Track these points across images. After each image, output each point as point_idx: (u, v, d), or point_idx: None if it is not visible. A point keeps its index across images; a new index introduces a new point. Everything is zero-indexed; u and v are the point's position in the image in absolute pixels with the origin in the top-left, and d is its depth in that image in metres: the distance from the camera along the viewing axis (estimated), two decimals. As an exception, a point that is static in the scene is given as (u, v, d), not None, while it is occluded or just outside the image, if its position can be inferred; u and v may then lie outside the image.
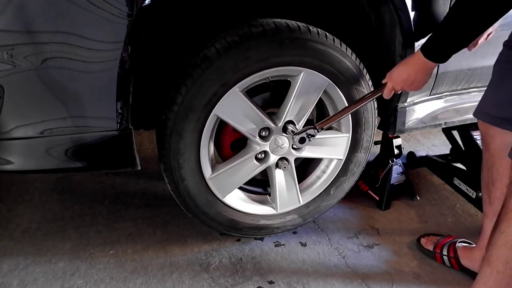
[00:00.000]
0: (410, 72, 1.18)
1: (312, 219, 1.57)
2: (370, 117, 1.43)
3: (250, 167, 1.37)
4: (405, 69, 1.19)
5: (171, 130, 1.22)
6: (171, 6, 1.30)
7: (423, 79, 1.20)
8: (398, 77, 1.21)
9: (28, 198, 1.73)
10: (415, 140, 2.47)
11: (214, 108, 1.22)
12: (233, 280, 1.37)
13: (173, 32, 1.40)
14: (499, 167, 1.24)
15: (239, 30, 1.19)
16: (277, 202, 1.46)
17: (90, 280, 1.34)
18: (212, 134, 1.31)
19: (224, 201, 1.40)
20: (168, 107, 1.22)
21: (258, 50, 1.18)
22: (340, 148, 1.46)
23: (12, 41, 0.94)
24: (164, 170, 1.32)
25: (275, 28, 1.19)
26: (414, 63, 1.17)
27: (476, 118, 1.29)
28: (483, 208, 1.36)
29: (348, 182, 1.54)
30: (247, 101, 1.25)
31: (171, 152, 1.25)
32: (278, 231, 1.54)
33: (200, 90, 1.18)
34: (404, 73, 1.19)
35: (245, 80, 1.21)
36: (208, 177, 1.33)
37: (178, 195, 1.35)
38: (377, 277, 1.43)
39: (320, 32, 1.25)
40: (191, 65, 1.20)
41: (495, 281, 1.06)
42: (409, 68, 1.18)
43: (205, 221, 1.42)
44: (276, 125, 1.32)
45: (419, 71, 1.17)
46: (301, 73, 1.26)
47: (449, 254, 1.46)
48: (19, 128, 1.04)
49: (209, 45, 1.21)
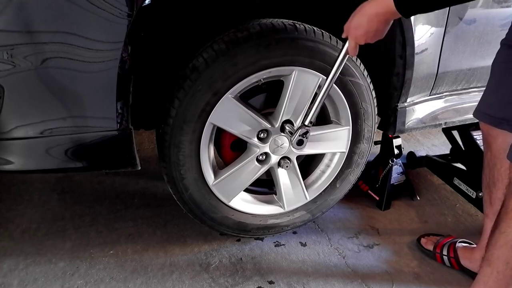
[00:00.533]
0: (373, 22, 1.03)
1: (321, 213, 1.57)
2: (369, 107, 1.41)
3: (253, 169, 1.37)
4: (366, 20, 1.04)
5: (169, 143, 1.22)
6: (171, 6, 1.30)
7: (386, 27, 1.06)
8: (359, 30, 1.06)
9: (28, 198, 1.73)
10: (415, 140, 2.47)
11: (209, 117, 1.22)
12: (233, 280, 1.37)
13: (173, 32, 1.40)
14: (501, 168, 1.24)
15: (225, 36, 1.19)
16: (284, 200, 1.46)
17: (90, 280, 1.34)
18: (211, 142, 1.31)
19: (230, 205, 1.40)
20: (163, 121, 1.22)
21: (246, 55, 1.17)
22: (341, 141, 1.45)
23: (12, 41, 0.94)
24: (167, 182, 1.32)
25: (260, 30, 1.18)
26: (377, 13, 1.01)
27: (476, 118, 1.29)
28: (484, 209, 1.36)
29: (353, 174, 1.53)
30: (241, 106, 1.24)
31: (171, 164, 1.25)
32: (288, 229, 1.54)
33: (192, 101, 1.18)
34: (366, 24, 1.04)
35: (236, 86, 1.20)
36: (211, 184, 1.33)
37: (184, 204, 1.36)
38: (377, 277, 1.42)
39: (308, 28, 1.23)
40: (182, 76, 1.20)
41: (495, 281, 1.06)
42: (371, 18, 1.03)
43: (213, 225, 1.43)
44: (273, 126, 1.32)
45: (382, 21, 1.03)
46: (292, 72, 1.25)
47: (449, 254, 1.46)
48: (19, 128, 1.04)
49: (197, 55, 1.20)
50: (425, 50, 1.36)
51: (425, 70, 1.40)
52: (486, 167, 1.30)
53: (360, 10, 1.06)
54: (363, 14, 1.04)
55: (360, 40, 1.08)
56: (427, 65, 1.40)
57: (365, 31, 1.05)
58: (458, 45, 1.42)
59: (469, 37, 1.42)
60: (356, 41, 1.09)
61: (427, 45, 1.36)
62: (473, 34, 1.42)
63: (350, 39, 1.10)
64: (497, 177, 1.26)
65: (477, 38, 1.44)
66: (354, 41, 1.09)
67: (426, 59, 1.38)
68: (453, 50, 1.40)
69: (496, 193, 1.27)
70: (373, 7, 1.02)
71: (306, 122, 1.27)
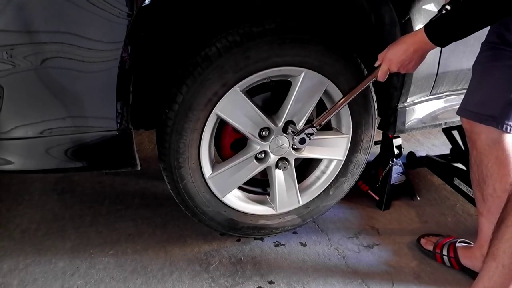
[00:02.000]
0: (408, 51, 1.13)
1: (312, 219, 1.57)
2: (370, 118, 1.43)
3: (250, 167, 1.37)
4: (402, 49, 1.14)
5: (171, 129, 1.22)
6: (171, 6, 1.30)
7: (419, 60, 1.16)
8: (395, 57, 1.16)
9: (28, 198, 1.73)
10: (415, 140, 2.47)
11: (215, 107, 1.22)
12: (233, 280, 1.37)
13: (173, 32, 1.40)
14: (488, 163, 1.24)
15: (240, 29, 1.19)
16: (277, 202, 1.46)
17: (90, 280, 1.34)
18: (213, 134, 1.31)
19: (223, 201, 1.40)
20: (168, 106, 1.22)
21: (259, 50, 1.18)
22: (340, 148, 1.46)
23: (12, 41, 0.94)
24: (163, 169, 1.32)
25: (275, 27, 1.19)
26: (413, 42, 1.12)
27: (460, 116, 1.29)
28: (477, 207, 1.36)
29: (347, 183, 1.54)
30: (247, 101, 1.25)
31: (171, 151, 1.25)
32: (277, 231, 1.54)
33: (201, 89, 1.18)
34: (401, 52, 1.14)
35: (246, 79, 1.21)
36: (207, 177, 1.33)
37: (177, 194, 1.35)
38: (377, 277, 1.42)
39: (320, 32, 1.24)
40: (192, 64, 1.20)
41: (501, 276, 1.06)
42: (408, 48, 1.13)
43: (203, 220, 1.42)
44: (276, 125, 1.32)
45: (418, 51, 1.13)
46: (301, 73, 1.26)
47: (449, 254, 1.46)
48: (19, 128, 1.04)
49: (210, 44, 1.20)
50: (425, 50, 1.36)
51: (425, 70, 1.40)
52: (473, 165, 1.30)
53: (398, 42, 1.16)
54: (401, 44, 1.14)
55: (393, 68, 1.18)
56: (427, 65, 1.39)
57: (401, 60, 1.15)
58: (458, 45, 1.40)
59: (469, 37, 1.42)
60: (390, 68, 1.19)
61: (427, 45, 1.35)
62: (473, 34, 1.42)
63: (384, 65, 1.19)
64: (485, 173, 1.26)
65: (477, 38, 1.42)
66: (387, 67, 1.19)
67: (426, 59, 1.38)
68: (453, 50, 1.40)
69: (487, 189, 1.27)
70: (411, 39, 1.12)
71: (317, 123, 1.31)
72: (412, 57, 1.14)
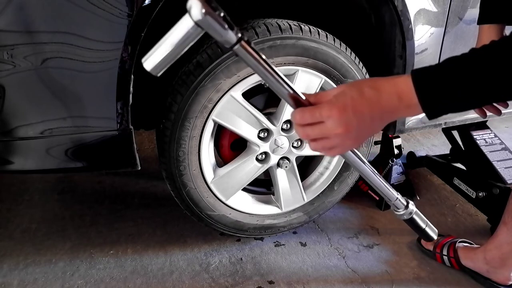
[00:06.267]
0: (374, 118, 0.65)
1: (318, 215, 1.57)
2: None
3: (252, 168, 1.37)
4: (359, 115, 0.65)
5: (170, 139, 1.22)
6: (171, 6, 1.30)
7: (378, 128, 0.68)
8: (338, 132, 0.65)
9: (28, 198, 1.73)
10: (415, 140, 2.47)
11: (211, 114, 1.22)
12: (233, 280, 1.37)
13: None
14: None
15: None
16: (281, 201, 1.46)
17: (90, 280, 1.34)
18: (212, 139, 1.31)
19: (228, 204, 1.40)
20: (165, 116, 1.22)
21: None
22: None
23: (12, 41, 0.94)
24: (166, 178, 1.32)
25: (266, 29, 1.18)
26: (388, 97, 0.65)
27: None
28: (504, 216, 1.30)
29: (351, 177, 1.53)
30: (243, 104, 1.25)
31: (171, 160, 1.25)
32: (285, 230, 1.54)
33: (195, 97, 1.18)
34: (355, 123, 0.65)
35: (240, 84, 1.21)
36: (210, 181, 1.33)
37: (181, 201, 1.35)
38: (377, 277, 1.43)
39: (313, 29, 1.24)
40: (185, 72, 1.20)
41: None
42: (371, 112, 0.65)
43: (210, 224, 1.42)
44: (274, 126, 1.32)
45: (385, 113, 0.65)
46: (295, 72, 1.26)
47: (449, 254, 1.46)
48: (19, 128, 1.04)
49: (201, 51, 1.20)
50: (425, 50, 1.36)
51: (425, 70, 1.40)
52: None
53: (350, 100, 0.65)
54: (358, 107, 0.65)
55: (332, 152, 0.70)
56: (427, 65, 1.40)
57: (356, 136, 0.66)
58: (458, 45, 1.42)
59: (469, 37, 1.42)
60: (319, 151, 0.70)
61: (427, 45, 1.36)
62: (473, 34, 1.42)
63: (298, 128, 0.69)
64: None
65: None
66: (314, 149, 0.70)
67: (426, 59, 1.38)
68: (453, 50, 1.40)
69: None
70: (385, 90, 0.65)
71: None
72: (379, 127, 0.68)
